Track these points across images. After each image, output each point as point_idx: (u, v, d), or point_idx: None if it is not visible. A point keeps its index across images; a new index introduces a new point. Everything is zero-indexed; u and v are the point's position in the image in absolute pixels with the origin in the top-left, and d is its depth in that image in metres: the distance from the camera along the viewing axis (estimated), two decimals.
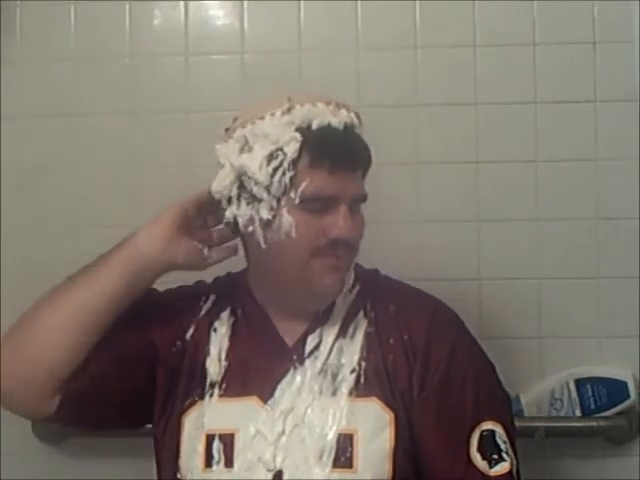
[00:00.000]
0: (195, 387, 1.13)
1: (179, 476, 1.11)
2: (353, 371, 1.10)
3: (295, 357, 1.12)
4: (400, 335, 1.12)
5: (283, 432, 1.07)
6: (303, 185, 1.04)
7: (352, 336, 1.13)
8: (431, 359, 1.10)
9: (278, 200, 1.05)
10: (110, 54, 1.60)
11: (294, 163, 1.04)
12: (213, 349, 1.15)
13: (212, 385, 1.13)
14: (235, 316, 1.17)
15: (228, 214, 1.10)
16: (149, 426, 1.18)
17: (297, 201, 1.04)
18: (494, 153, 1.55)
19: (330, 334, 1.13)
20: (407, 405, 1.08)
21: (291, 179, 1.04)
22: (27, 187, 1.60)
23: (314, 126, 1.05)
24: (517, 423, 1.47)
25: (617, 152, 1.53)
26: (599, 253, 1.54)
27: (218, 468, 1.08)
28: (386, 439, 1.06)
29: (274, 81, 1.54)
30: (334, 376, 1.10)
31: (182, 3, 1.59)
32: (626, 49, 1.52)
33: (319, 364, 1.11)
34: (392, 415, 1.07)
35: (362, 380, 1.09)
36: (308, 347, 1.12)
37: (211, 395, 1.12)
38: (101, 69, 1.60)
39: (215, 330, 1.16)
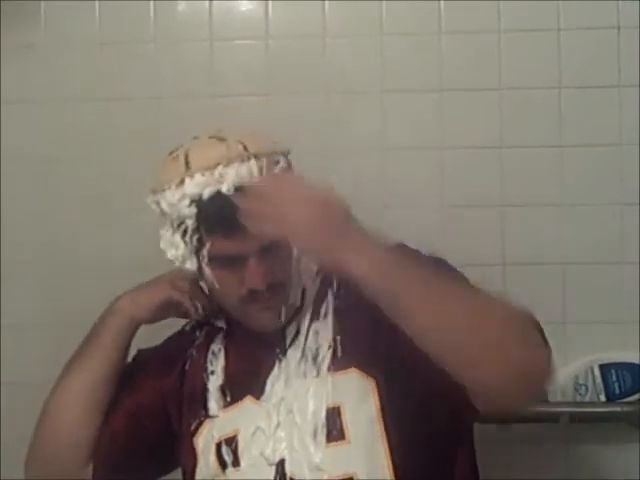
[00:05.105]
0: (198, 409, 1.17)
1: None
2: (329, 347, 1.12)
3: (278, 350, 1.14)
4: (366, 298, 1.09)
5: (279, 424, 1.10)
6: (206, 247, 1.09)
7: (325, 315, 1.15)
8: None
9: (197, 256, 1.12)
10: (134, 39, 1.60)
11: (196, 229, 1.09)
12: (212, 369, 1.19)
13: (217, 402, 1.16)
14: (226, 337, 1.21)
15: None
16: None
17: (205, 261, 1.10)
18: (518, 138, 1.55)
19: (305, 320, 1.16)
20: (392, 362, 1.07)
21: (198, 240, 1.10)
22: (46, 173, 1.61)
23: (204, 196, 1.08)
24: (542, 408, 1.49)
25: None
26: (623, 238, 1.53)
27: (229, 470, 1.11)
28: (371, 405, 1.07)
29: (298, 66, 1.55)
30: (314, 357, 1.12)
31: None
32: None
33: (299, 350, 1.13)
34: (373, 380, 1.08)
35: (339, 353, 1.11)
36: (288, 339, 1.15)
37: (217, 410, 1.16)
38: (125, 54, 1.60)
39: (213, 352, 1.20)
